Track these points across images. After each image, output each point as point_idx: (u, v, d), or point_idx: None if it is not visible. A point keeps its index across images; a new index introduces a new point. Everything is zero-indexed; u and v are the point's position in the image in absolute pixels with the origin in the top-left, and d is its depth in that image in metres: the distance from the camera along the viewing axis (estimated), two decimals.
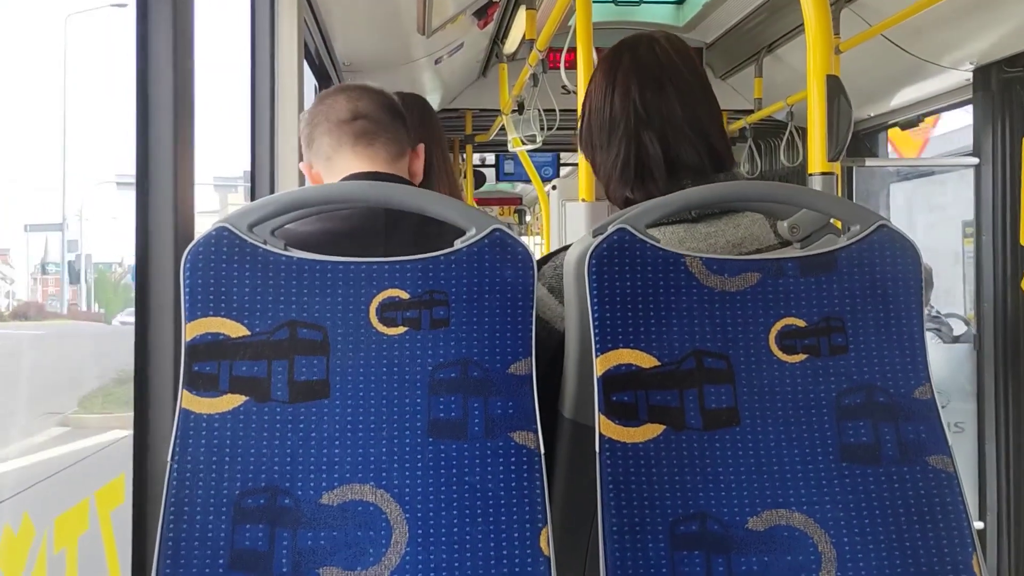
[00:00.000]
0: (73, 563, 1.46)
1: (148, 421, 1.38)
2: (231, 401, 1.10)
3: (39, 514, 1.45)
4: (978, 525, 3.59)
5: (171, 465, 1.08)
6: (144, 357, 1.39)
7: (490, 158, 7.27)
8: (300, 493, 1.08)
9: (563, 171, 6.83)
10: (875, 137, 4.79)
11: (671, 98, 1.39)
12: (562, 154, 6.73)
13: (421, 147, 1.76)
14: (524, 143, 4.48)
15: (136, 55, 1.39)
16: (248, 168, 2.51)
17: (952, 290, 4.10)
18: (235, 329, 1.11)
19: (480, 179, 7.59)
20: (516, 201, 11.17)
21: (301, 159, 1.73)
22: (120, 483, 1.53)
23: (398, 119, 1.68)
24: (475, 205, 7.53)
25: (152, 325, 1.39)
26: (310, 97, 3.34)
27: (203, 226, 1.47)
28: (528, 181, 6.73)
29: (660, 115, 1.39)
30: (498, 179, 7.22)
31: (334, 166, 1.64)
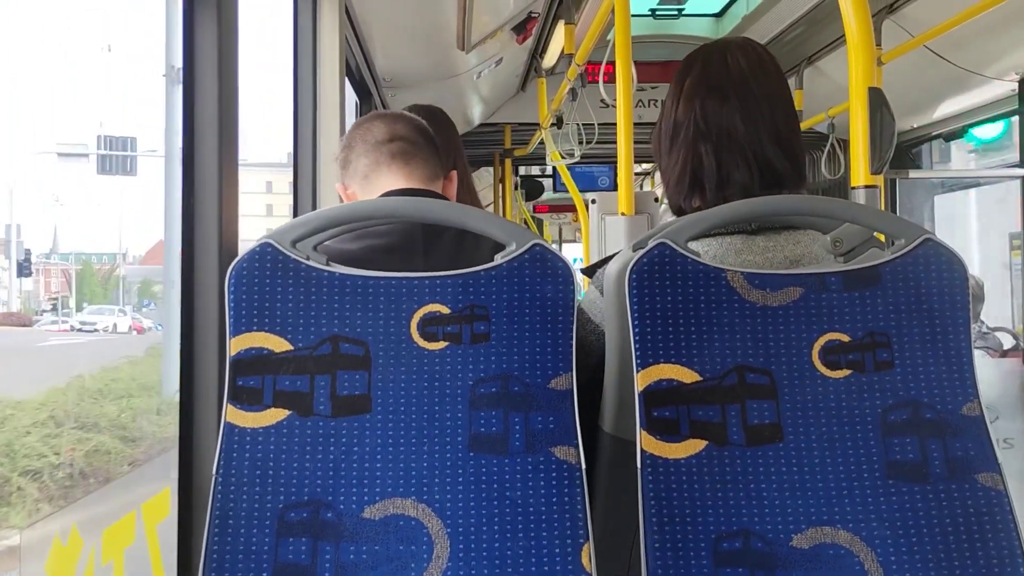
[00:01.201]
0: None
1: (193, 435, 1.40)
2: (274, 415, 1.11)
3: None
4: None
5: (216, 478, 1.09)
6: (190, 371, 1.41)
7: (548, 168, 7.37)
8: (342, 507, 1.08)
9: None
10: (919, 148, 4.73)
11: (732, 112, 1.37)
12: None
13: (454, 173, 1.80)
14: (563, 157, 4.49)
15: (183, 82, 1.42)
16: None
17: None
18: (279, 344, 1.13)
19: (537, 189, 7.69)
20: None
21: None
22: (166, 496, 1.55)
23: (432, 144, 1.73)
24: (529, 219, 7.65)
25: (197, 339, 1.41)
26: (351, 114, 3.37)
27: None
28: (590, 189, 6.75)
29: (719, 128, 1.38)
30: (555, 189, 7.35)
31: (371, 184, 1.67)
